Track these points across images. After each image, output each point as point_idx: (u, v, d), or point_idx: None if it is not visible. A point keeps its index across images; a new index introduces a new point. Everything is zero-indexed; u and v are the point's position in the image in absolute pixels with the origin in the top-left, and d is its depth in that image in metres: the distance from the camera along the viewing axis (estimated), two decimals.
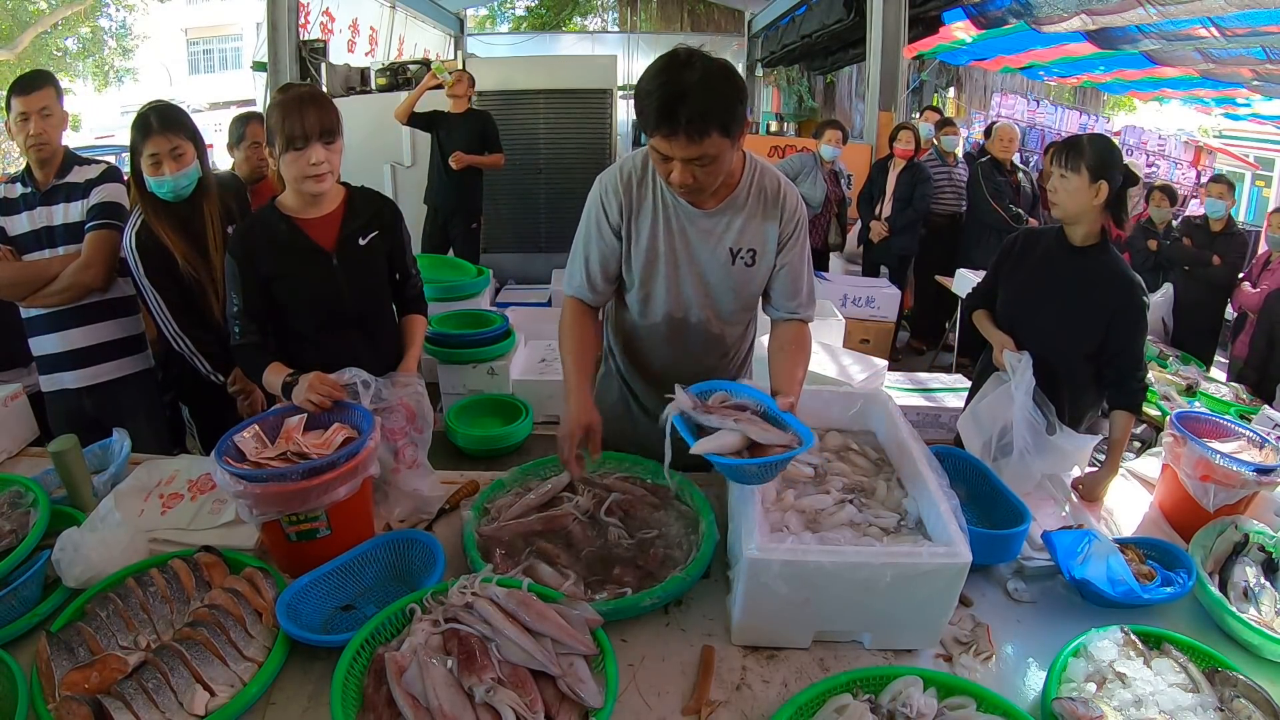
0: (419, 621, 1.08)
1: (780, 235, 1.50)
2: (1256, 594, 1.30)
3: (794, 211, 1.50)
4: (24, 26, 11.79)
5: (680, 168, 1.30)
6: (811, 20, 8.28)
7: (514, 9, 16.63)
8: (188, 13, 16.89)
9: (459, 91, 4.51)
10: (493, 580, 1.14)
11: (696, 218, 1.47)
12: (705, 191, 1.40)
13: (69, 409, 2.08)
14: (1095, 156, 1.72)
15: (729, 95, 1.25)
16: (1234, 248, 4.24)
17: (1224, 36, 4.49)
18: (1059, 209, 1.80)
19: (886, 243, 4.88)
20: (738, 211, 1.48)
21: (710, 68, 1.24)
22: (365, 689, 1.01)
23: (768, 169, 1.52)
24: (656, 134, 1.27)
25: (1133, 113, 12.66)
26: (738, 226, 1.48)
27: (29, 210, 1.98)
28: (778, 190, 1.49)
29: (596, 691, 1.00)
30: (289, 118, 1.49)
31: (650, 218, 1.48)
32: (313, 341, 1.66)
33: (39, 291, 1.97)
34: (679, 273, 1.51)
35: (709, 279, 1.52)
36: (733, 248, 1.49)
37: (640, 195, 1.48)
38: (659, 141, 1.28)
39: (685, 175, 1.31)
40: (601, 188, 1.50)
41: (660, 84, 1.24)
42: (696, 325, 1.56)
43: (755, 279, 1.53)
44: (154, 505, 1.50)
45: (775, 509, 1.30)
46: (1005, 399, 1.72)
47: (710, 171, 1.32)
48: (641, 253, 1.50)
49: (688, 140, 1.25)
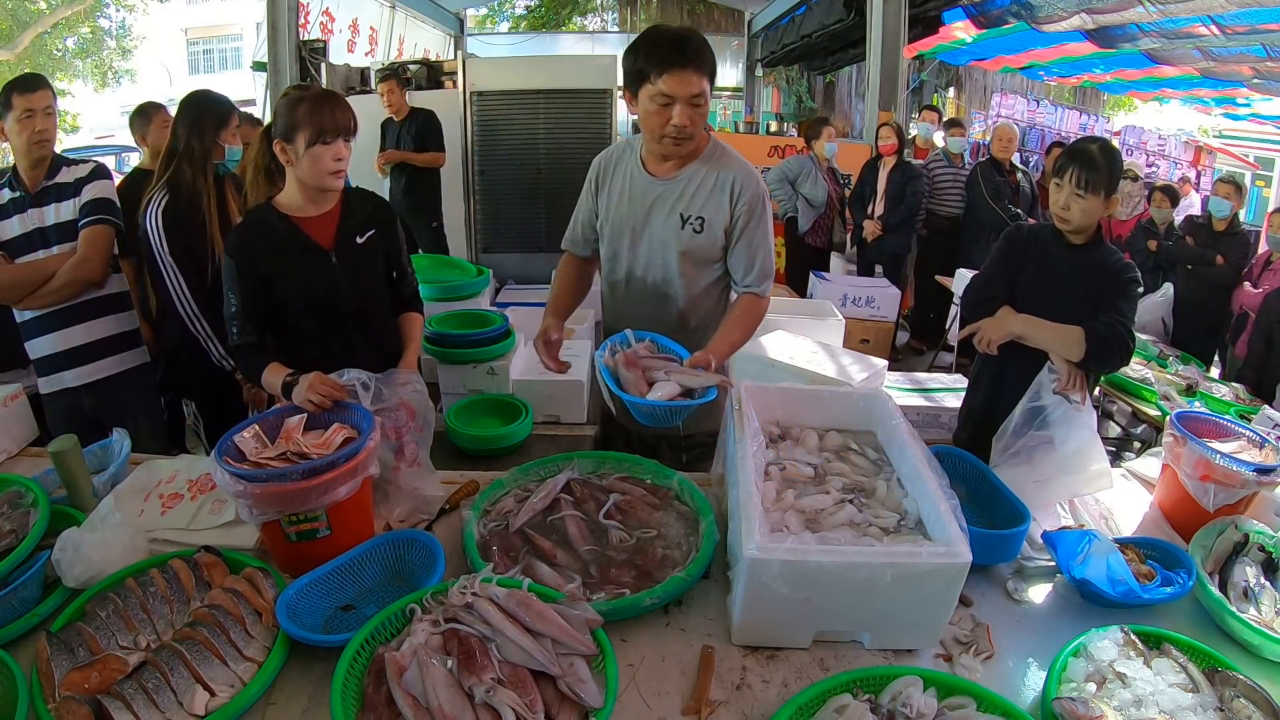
0: (419, 621, 1.08)
1: (733, 213, 1.65)
2: (1256, 594, 1.30)
3: (746, 191, 1.64)
4: (24, 26, 11.79)
5: (681, 108, 1.50)
6: (811, 20, 8.29)
7: (514, 9, 16.64)
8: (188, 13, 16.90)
9: (389, 102, 4.70)
10: (493, 580, 1.14)
11: (655, 184, 1.68)
12: (693, 139, 1.59)
13: (68, 409, 2.08)
14: (1110, 174, 1.71)
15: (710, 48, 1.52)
16: (1237, 247, 4.24)
17: (1224, 34, 4.49)
18: (1070, 225, 1.76)
19: (880, 241, 4.89)
20: (691, 180, 1.66)
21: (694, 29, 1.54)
22: (365, 689, 1.01)
23: (730, 153, 1.69)
24: (668, 71, 1.46)
25: (1133, 113, 12.65)
26: (689, 194, 1.66)
27: (19, 214, 1.99)
28: (731, 167, 1.65)
29: (597, 692, 1.00)
30: (319, 111, 1.51)
31: (619, 189, 1.72)
32: (312, 340, 1.66)
33: (37, 291, 1.97)
34: (636, 235, 1.72)
35: (660, 243, 1.70)
36: (683, 214, 1.66)
37: (615, 171, 1.74)
38: (668, 80, 1.47)
39: (685, 115, 1.50)
40: (595, 163, 1.79)
41: (660, 36, 1.49)
42: (652, 286, 1.75)
43: (704, 246, 1.68)
44: (154, 505, 1.50)
45: (775, 509, 1.30)
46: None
47: (701, 113, 1.53)
48: (609, 217, 1.75)
49: (695, 71, 1.47)
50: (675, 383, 1.42)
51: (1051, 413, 1.67)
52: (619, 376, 1.47)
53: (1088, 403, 1.69)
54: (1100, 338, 1.67)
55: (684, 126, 1.51)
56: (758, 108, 12.71)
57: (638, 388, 1.44)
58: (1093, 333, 1.67)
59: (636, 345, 1.56)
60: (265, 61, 5.86)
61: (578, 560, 1.32)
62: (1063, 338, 1.70)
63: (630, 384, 1.45)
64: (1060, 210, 1.77)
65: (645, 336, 1.59)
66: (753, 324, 1.69)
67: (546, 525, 1.40)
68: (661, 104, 1.50)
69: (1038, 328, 1.74)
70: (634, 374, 1.46)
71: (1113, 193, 1.73)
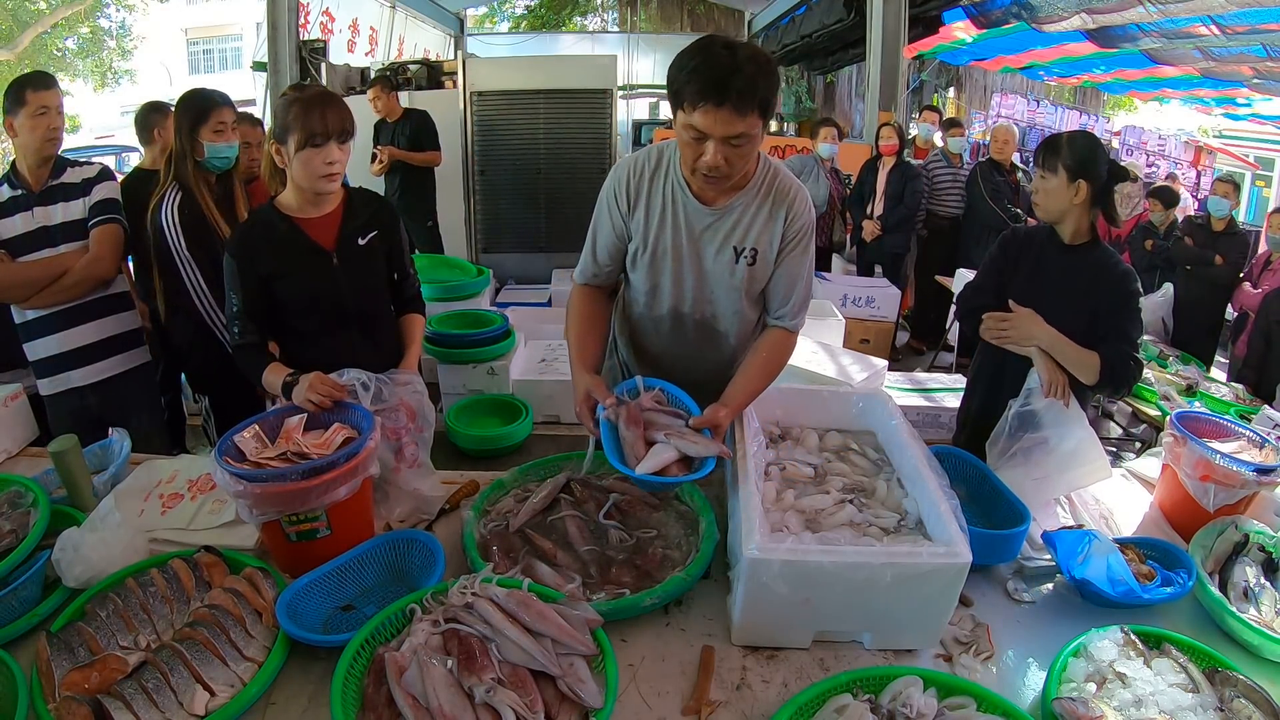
0: (419, 622, 1.08)
1: (784, 235, 1.48)
2: (1256, 594, 1.30)
3: (800, 214, 1.48)
4: (24, 26, 11.80)
5: (714, 147, 1.28)
6: (811, 20, 8.29)
7: (514, 9, 16.65)
8: (188, 13, 16.90)
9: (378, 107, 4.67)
10: (493, 580, 1.14)
11: (704, 214, 1.46)
12: (730, 179, 1.37)
13: (73, 409, 2.09)
14: (1073, 155, 1.70)
15: (772, 78, 1.26)
16: (1236, 247, 4.24)
17: (1224, 34, 4.49)
18: (1041, 209, 1.79)
19: (879, 241, 4.89)
20: (745, 209, 1.46)
21: (756, 52, 1.26)
22: (365, 689, 1.01)
23: (782, 171, 1.49)
24: (701, 107, 1.24)
25: (1133, 113, 12.66)
26: (744, 225, 1.47)
27: (24, 212, 1.99)
28: (788, 191, 1.47)
29: (596, 692, 1.00)
30: (309, 114, 1.49)
31: (660, 212, 1.48)
32: (313, 340, 1.66)
33: (47, 289, 1.99)
34: (682, 269, 1.52)
35: (712, 278, 1.52)
36: (737, 247, 1.48)
37: (651, 189, 1.48)
38: (701, 117, 1.25)
39: (718, 156, 1.28)
40: (615, 178, 1.51)
41: (706, 58, 1.23)
42: (701, 321, 1.57)
43: (758, 279, 1.52)
44: (154, 505, 1.50)
45: (775, 509, 1.30)
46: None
47: (742, 154, 1.31)
48: (649, 247, 1.51)
49: (734, 113, 1.23)
50: (674, 448, 1.29)
51: (1044, 415, 1.68)
52: (618, 434, 1.34)
53: (1073, 402, 1.71)
54: (1113, 369, 1.70)
55: (717, 167, 1.30)
56: None
57: (635, 450, 1.30)
58: (1107, 364, 1.70)
59: (644, 395, 1.42)
60: (265, 61, 5.86)
61: (577, 560, 1.32)
62: (1082, 361, 1.72)
63: (628, 444, 1.32)
64: (1033, 195, 1.81)
65: (655, 385, 1.45)
66: (778, 367, 1.51)
67: (546, 525, 1.40)
68: (693, 137, 1.30)
69: (1062, 344, 1.74)
70: (634, 433, 1.32)
71: (1080, 176, 1.69)
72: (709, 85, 1.22)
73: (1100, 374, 1.69)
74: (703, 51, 1.25)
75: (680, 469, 1.29)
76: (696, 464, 1.30)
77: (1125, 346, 1.70)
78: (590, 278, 1.60)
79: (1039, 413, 1.68)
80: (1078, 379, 1.71)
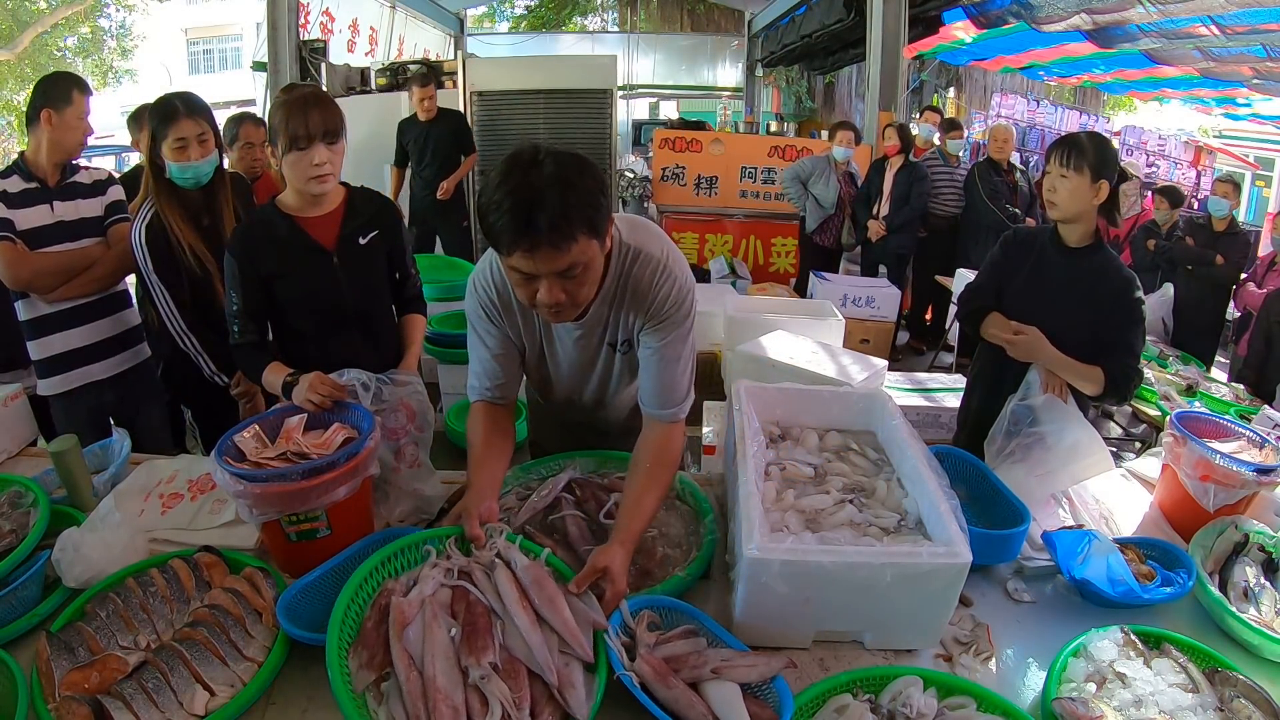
0: (431, 568, 1.08)
1: (649, 326, 1.32)
2: (1256, 594, 1.30)
3: (666, 299, 1.29)
4: (24, 26, 11.80)
5: (548, 284, 1.12)
6: (811, 20, 8.28)
7: (514, 9, 16.64)
8: (188, 13, 16.87)
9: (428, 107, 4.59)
10: (516, 541, 1.15)
11: (568, 326, 1.35)
12: (578, 307, 1.21)
13: (90, 405, 2.10)
14: (1097, 155, 1.70)
15: (590, 188, 1.08)
16: (1236, 247, 4.24)
17: (1224, 34, 4.49)
18: (1058, 209, 1.76)
19: (884, 242, 4.89)
20: (607, 311, 1.33)
21: (562, 161, 1.08)
22: (365, 621, 1.02)
23: (644, 253, 1.29)
24: (515, 251, 1.07)
25: (1133, 113, 12.65)
26: (611, 323, 1.35)
27: (44, 204, 2.00)
28: (651, 280, 1.29)
29: (584, 701, 0.98)
30: (293, 118, 1.49)
31: (523, 323, 1.38)
32: (313, 340, 1.66)
33: (75, 280, 2.02)
34: (562, 369, 1.45)
35: (594, 371, 1.46)
36: (610, 342, 1.39)
37: (504, 303, 1.35)
38: (520, 260, 1.08)
39: (555, 292, 1.13)
40: (475, 299, 1.37)
41: (508, 192, 1.05)
42: (598, 400, 1.53)
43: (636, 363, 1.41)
44: (154, 505, 1.50)
45: (775, 509, 1.30)
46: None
47: (582, 281, 1.15)
48: (528, 350, 1.43)
49: (553, 250, 1.06)
50: (735, 685, 1.03)
51: (1041, 412, 1.68)
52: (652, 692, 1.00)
53: (1070, 399, 1.72)
54: (1116, 383, 1.73)
55: (557, 303, 1.15)
56: (758, 108, 12.72)
57: (694, 709, 0.99)
58: (1110, 378, 1.72)
59: (640, 630, 1.09)
60: (265, 61, 5.86)
61: (578, 560, 1.31)
62: (1086, 376, 1.73)
63: (683, 706, 0.99)
64: (1048, 194, 1.78)
65: (638, 608, 1.13)
66: (670, 469, 1.34)
67: (547, 525, 1.40)
68: (522, 278, 1.14)
69: (1065, 364, 1.75)
70: (674, 690, 1.00)
71: (1102, 176, 1.69)
72: (516, 227, 1.05)
73: (1104, 387, 1.70)
74: (504, 183, 1.06)
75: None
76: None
77: (1129, 360, 1.72)
78: (482, 394, 1.43)
79: (1036, 409, 1.68)
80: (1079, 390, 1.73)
